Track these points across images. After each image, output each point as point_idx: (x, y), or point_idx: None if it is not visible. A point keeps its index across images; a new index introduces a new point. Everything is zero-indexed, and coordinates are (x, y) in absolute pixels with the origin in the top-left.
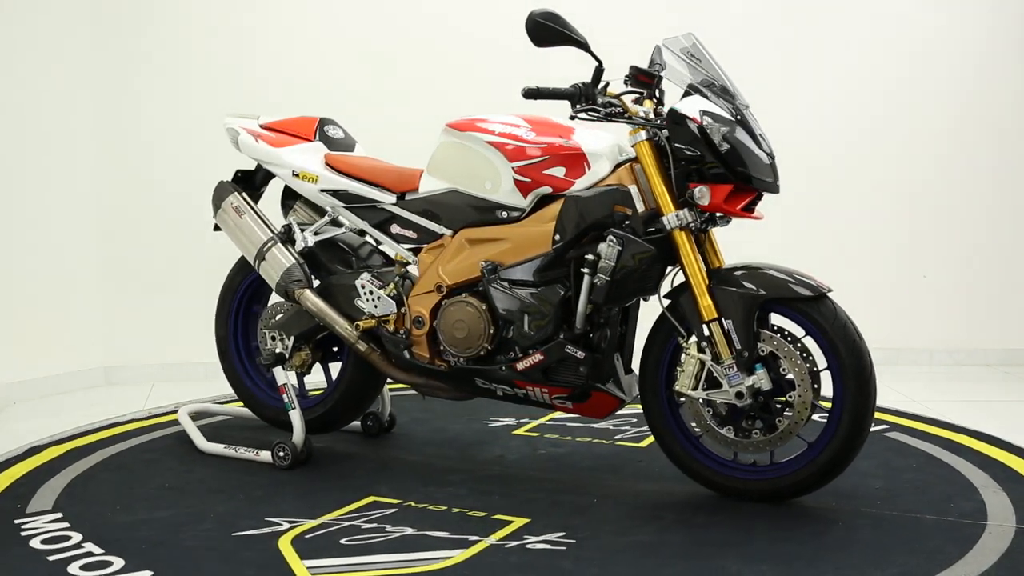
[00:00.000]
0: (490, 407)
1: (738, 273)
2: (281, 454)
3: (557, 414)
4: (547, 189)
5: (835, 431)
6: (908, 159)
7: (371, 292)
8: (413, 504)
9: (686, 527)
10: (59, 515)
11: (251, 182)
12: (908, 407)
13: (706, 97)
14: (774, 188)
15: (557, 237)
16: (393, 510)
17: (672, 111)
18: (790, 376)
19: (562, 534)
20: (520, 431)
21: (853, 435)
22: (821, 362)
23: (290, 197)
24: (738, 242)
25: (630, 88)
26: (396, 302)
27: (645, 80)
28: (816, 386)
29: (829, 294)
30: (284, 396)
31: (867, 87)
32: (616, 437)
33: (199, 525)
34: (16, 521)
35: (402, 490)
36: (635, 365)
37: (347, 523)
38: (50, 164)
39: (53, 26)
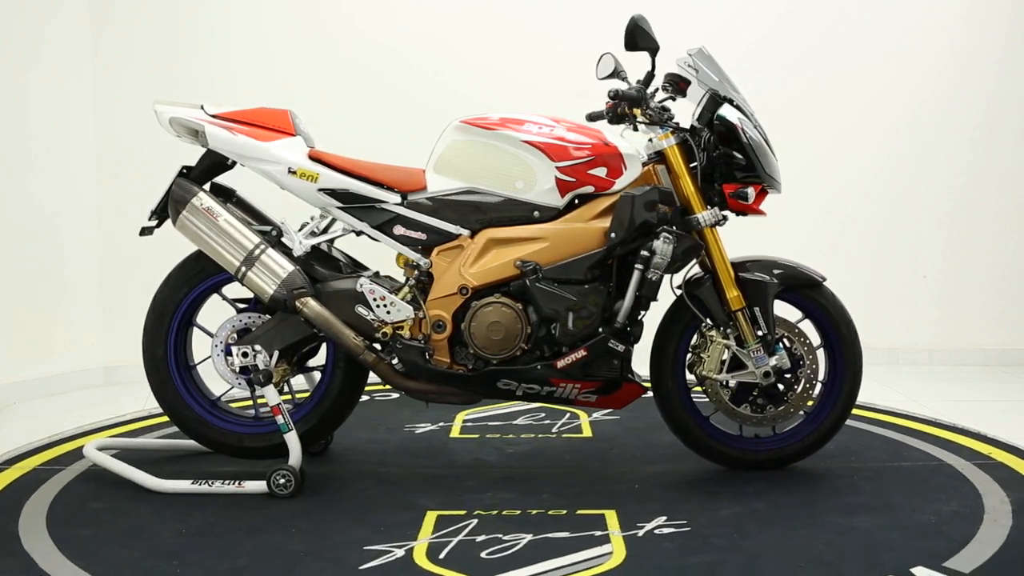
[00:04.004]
0: (398, 414)
1: (751, 265)
2: (282, 481)
3: (467, 414)
4: (589, 189)
5: (836, 400)
6: (908, 159)
7: (382, 297)
8: (483, 512)
9: (752, 498)
10: None
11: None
12: (908, 407)
13: (732, 104)
14: (780, 188)
15: (613, 235)
16: (474, 521)
17: (718, 116)
18: (797, 354)
19: (665, 518)
20: (455, 434)
21: (848, 402)
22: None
23: (220, 196)
24: (738, 241)
25: (670, 94)
26: (412, 307)
27: (683, 86)
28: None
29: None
30: (279, 417)
31: (867, 88)
32: (554, 430)
33: (303, 566)
34: None
35: (449, 502)
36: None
37: (454, 539)
38: (50, 163)
39: (53, 26)
